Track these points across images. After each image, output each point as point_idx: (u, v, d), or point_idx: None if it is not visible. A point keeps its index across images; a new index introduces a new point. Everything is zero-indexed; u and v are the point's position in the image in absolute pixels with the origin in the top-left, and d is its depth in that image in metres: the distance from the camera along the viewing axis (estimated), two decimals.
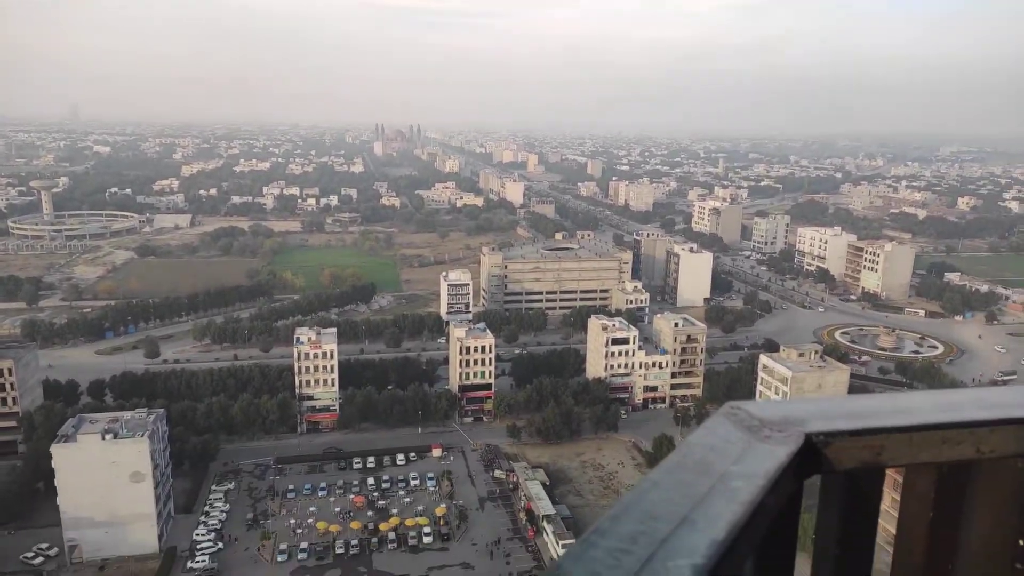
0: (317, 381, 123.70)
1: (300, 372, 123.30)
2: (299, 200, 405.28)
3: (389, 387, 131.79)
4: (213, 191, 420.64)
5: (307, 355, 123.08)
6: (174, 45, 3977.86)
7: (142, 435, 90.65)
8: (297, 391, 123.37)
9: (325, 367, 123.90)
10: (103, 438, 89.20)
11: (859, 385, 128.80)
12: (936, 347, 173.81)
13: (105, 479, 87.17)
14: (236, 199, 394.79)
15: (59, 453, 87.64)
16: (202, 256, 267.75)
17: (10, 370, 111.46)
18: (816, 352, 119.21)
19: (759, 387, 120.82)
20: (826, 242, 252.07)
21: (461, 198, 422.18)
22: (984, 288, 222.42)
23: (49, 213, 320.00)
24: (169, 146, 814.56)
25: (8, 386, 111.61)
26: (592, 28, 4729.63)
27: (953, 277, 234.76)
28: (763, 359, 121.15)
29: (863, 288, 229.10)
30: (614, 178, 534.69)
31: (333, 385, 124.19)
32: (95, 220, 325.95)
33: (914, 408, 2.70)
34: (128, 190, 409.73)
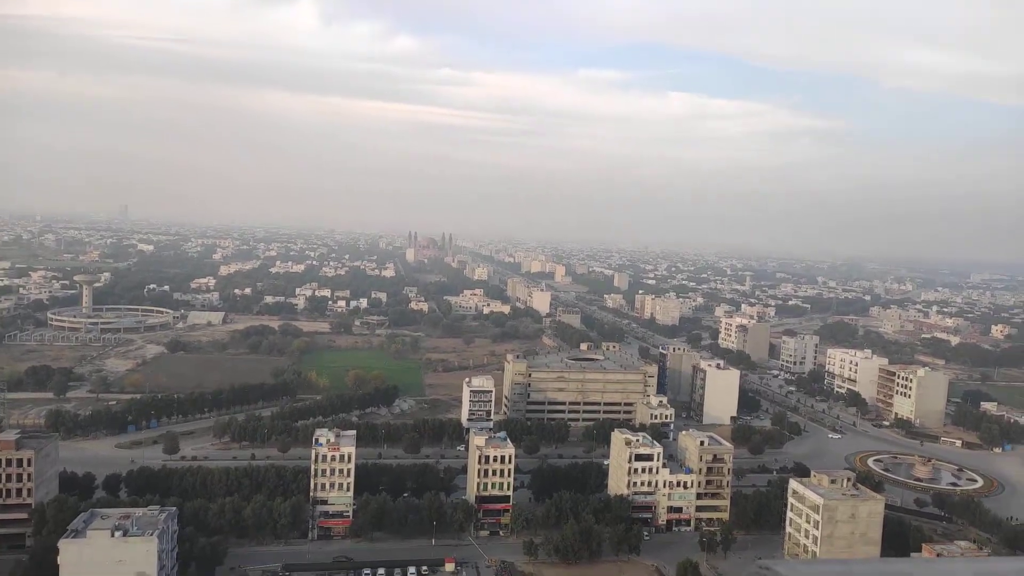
0: (333, 485, 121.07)
1: (316, 475, 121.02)
2: (330, 302, 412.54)
3: (405, 494, 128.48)
4: (248, 290, 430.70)
5: (324, 457, 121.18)
6: (221, 153, 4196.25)
7: (152, 534, 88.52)
8: (312, 494, 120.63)
9: (342, 471, 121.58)
10: (112, 535, 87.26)
11: (895, 517, 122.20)
12: (975, 480, 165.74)
13: None
14: (269, 299, 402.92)
15: (67, 548, 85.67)
16: (231, 353, 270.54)
17: (29, 461, 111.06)
18: (848, 480, 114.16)
19: (789, 514, 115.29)
20: (857, 364, 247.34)
21: (488, 305, 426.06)
22: (1023, 420, 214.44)
23: (88, 306, 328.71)
24: (210, 247, 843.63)
25: (25, 477, 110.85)
26: (625, 147, 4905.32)
27: (990, 407, 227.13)
28: (793, 484, 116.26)
29: (896, 414, 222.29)
30: (640, 291, 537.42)
31: (348, 490, 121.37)
32: (131, 315, 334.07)
33: None
34: (166, 287, 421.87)
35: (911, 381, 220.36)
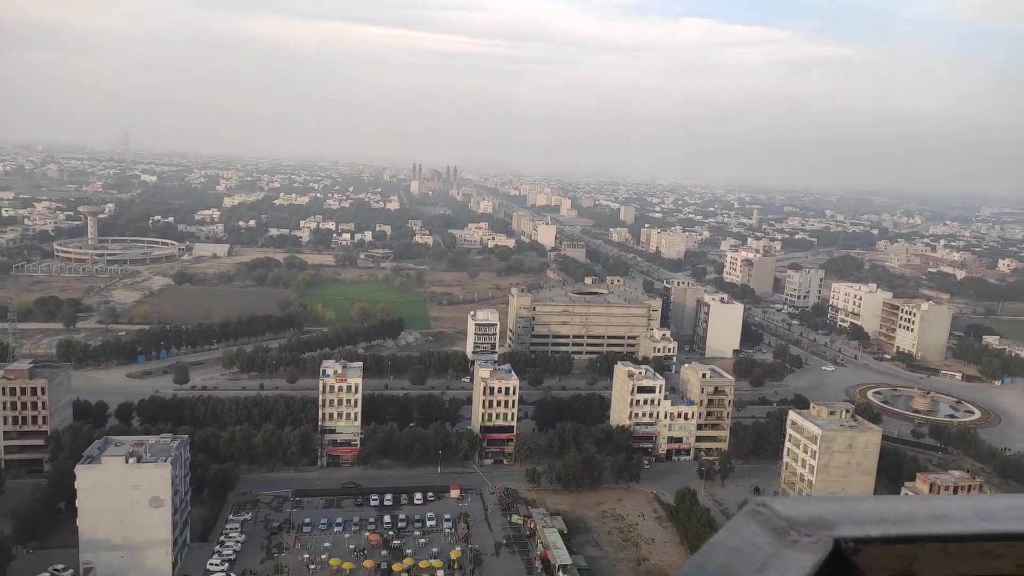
0: (340, 415, 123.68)
1: (324, 405, 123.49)
2: (334, 235, 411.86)
3: (411, 424, 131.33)
4: (252, 223, 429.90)
5: (332, 388, 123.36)
6: (222, 82, 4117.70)
7: (165, 460, 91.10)
8: (320, 424, 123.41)
9: (349, 401, 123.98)
10: (126, 461, 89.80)
11: (891, 448, 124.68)
12: (973, 412, 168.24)
13: (125, 503, 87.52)
14: (274, 231, 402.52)
15: (83, 474, 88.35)
16: (237, 285, 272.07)
17: (43, 389, 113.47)
18: (847, 411, 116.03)
19: (787, 444, 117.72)
20: (861, 299, 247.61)
21: (493, 239, 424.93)
22: None
23: (93, 238, 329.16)
24: (213, 178, 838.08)
25: (40, 405, 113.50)
26: (637, 77, 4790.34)
27: (992, 340, 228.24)
28: (792, 415, 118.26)
29: (897, 348, 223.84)
30: (646, 225, 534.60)
31: (356, 419, 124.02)
32: (137, 246, 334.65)
33: (951, 515, 2.52)
34: (171, 218, 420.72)
35: (914, 315, 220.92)
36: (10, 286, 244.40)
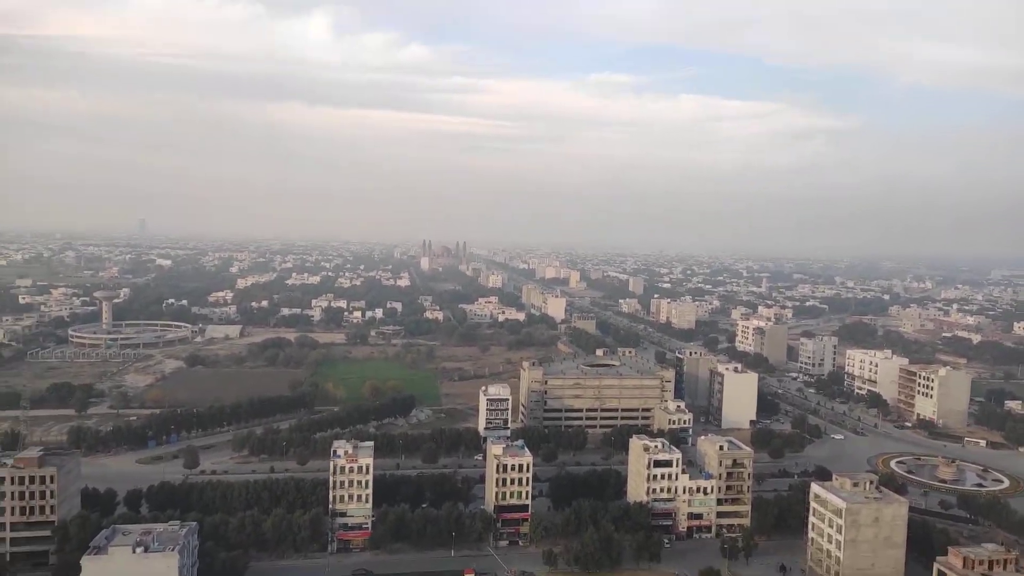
0: (351, 496, 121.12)
1: (335, 487, 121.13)
2: (346, 313, 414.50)
3: (424, 505, 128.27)
4: (265, 303, 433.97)
5: (343, 469, 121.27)
6: (237, 166, 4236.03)
7: (173, 549, 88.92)
8: (330, 507, 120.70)
9: (360, 482, 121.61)
10: (134, 551, 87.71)
11: (919, 520, 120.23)
12: (1001, 481, 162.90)
13: None
14: (286, 311, 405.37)
15: (89, 565, 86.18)
16: (248, 366, 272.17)
17: (52, 478, 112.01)
18: (871, 482, 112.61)
19: (811, 518, 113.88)
20: (877, 365, 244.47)
21: (503, 312, 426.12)
22: None
23: (108, 323, 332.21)
24: (227, 260, 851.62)
25: (48, 494, 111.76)
26: (638, 151, 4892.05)
27: (1014, 405, 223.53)
28: (815, 488, 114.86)
29: (918, 415, 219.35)
30: (656, 295, 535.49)
31: (367, 501, 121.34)
32: (150, 330, 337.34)
33: None
34: (184, 301, 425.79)
35: (932, 381, 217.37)
36: (24, 373, 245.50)
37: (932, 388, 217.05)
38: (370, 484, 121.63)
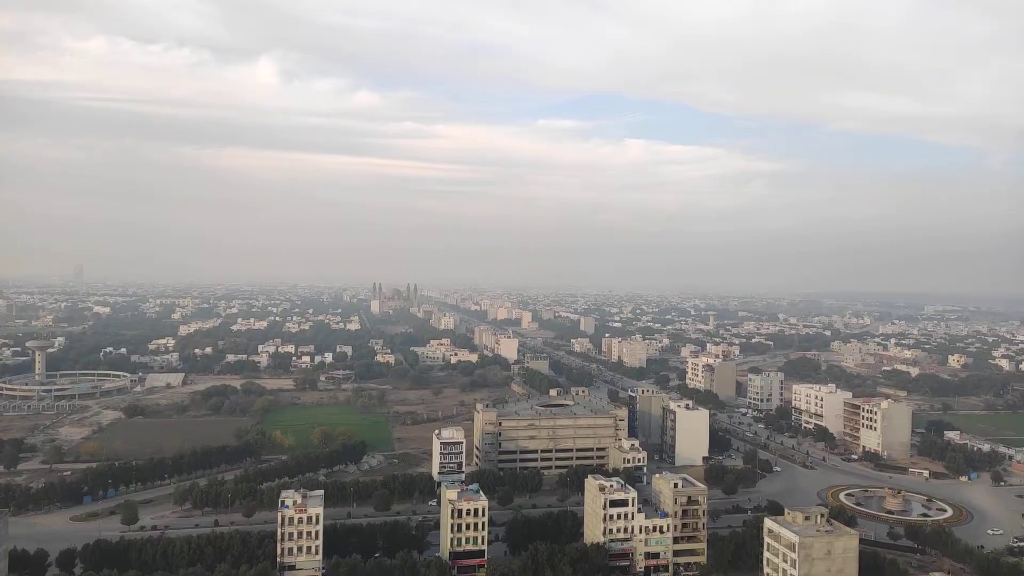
0: (300, 548, 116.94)
1: (283, 539, 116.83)
2: (294, 358, 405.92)
3: (376, 555, 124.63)
4: (209, 350, 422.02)
5: (291, 520, 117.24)
6: (180, 211, 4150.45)
7: None
8: (279, 560, 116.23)
9: (310, 533, 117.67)
10: None
11: (870, 551, 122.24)
12: (945, 510, 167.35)
13: None
14: (231, 357, 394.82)
15: None
16: (192, 415, 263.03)
17: None
18: (822, 515, 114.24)
19: (766, 553, 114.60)
20: (822, 399, 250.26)
21: (456, 354, 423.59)
22: (986, 447, 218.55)
23: (41, 373, 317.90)
24: (169, 306, 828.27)
25: None
26: (587, 194, 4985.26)
27: (953, 436, 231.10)
28: (768, 523, 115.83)
29: (863, 447, 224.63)
30: (607, 335, 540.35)
31: (317, 553, 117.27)
32: (87, 379, 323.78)
33: None
34: (123, 349, 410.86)
35: (876, 413, 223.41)
36: None
37: (876, 420, 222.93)
38: (320, 535, 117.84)
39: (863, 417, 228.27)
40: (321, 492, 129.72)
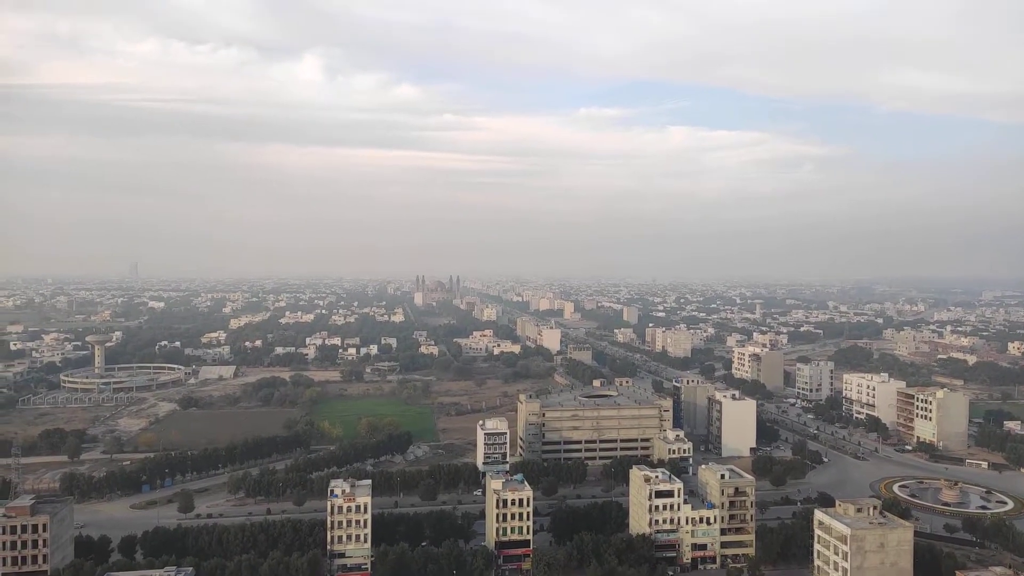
0: (349, 537, 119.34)
1: (332, 527, 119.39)
2: (340, 350, 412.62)
3: (423, 543, 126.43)
4: (258, 343, 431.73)
5: (340, 509, 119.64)
6: (227, 206, 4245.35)
7: None
8: (328, 547, 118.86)
9: (358, 522, 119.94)
10: None
11: (925, 544, 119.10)
12: (1005, 502, 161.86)
13: None
14: (280, 350, 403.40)
15: None
16: (243, 407, 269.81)
17: (44, 526, 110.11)
18: (875, 508, 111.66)
19: (816, 546, 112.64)
20: (874, 389, 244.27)
21: (498, 346, 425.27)
22: None
23: (100, 367, 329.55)
24: (220, 301, 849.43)
25: (40, 543, 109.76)
26: (628, 183, 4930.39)
27: (1013, 426, 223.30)
28: (818, 515, 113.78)
29: (918, 438, 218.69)
30: (650, 324, 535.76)
31: (366, 541, 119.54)
32: (143, 373, 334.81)
33: None
34: (177, 343, 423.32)
35: (931, 403, 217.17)
36: (15, 420, 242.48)
37: (931, 411, 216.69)
38: (368, 523, 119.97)
39: (917, 407, 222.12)
40: (369, 482, 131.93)
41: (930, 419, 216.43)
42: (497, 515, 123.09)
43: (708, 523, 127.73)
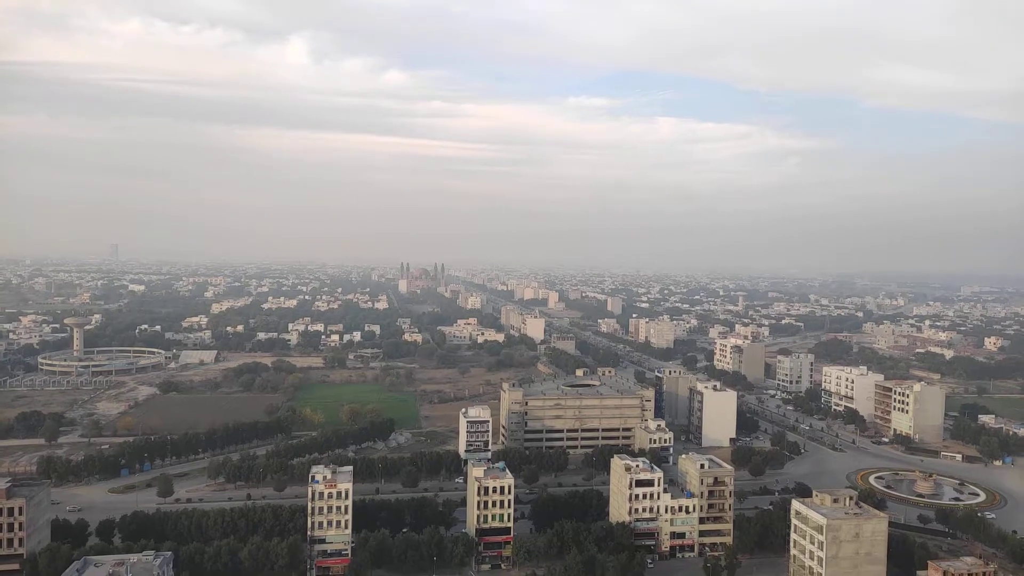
0: (330, 523, 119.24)
1: (313, 513, 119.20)
2: (323, 336, 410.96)
3: (404, 530, 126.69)
4: (240, 328, 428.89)
5: (321, 495, 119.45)
6: (210, 190, 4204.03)
7: None
8: (309, 533, 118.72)
9: (339, 508, 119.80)
10: None
11: (899, 535, 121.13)
12: (977, 494, 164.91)
13: None
14: (262, 335, 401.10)
15: None
16: (224, 392, 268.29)
17: (20, 509, 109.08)
18: (851, 498, 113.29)
19: (793, 535, 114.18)
20: (853, 382, 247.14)
21: (482, 334, 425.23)
22: (1022, 431, 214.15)
23: (79, 350, 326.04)
24: (202, 284, 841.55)
25: (16, 526, 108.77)
26: (616, 173, 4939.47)
27: (988, 419, 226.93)
28: (795, 505, 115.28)
29: (894, 430, 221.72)
30: (634, 315, 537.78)
31: (346, 527, 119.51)
32: (123, 356, 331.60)
33: None
34: (158, 327, 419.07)
35: (908, 396, 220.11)
36: None
37: (908, 403, 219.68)
38: (349, 509, 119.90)
39: (895, 400, 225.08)
40: (350, 468, 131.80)
41: (907, 412, 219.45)
42: (478, 502, 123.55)
43: (687, 512, 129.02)
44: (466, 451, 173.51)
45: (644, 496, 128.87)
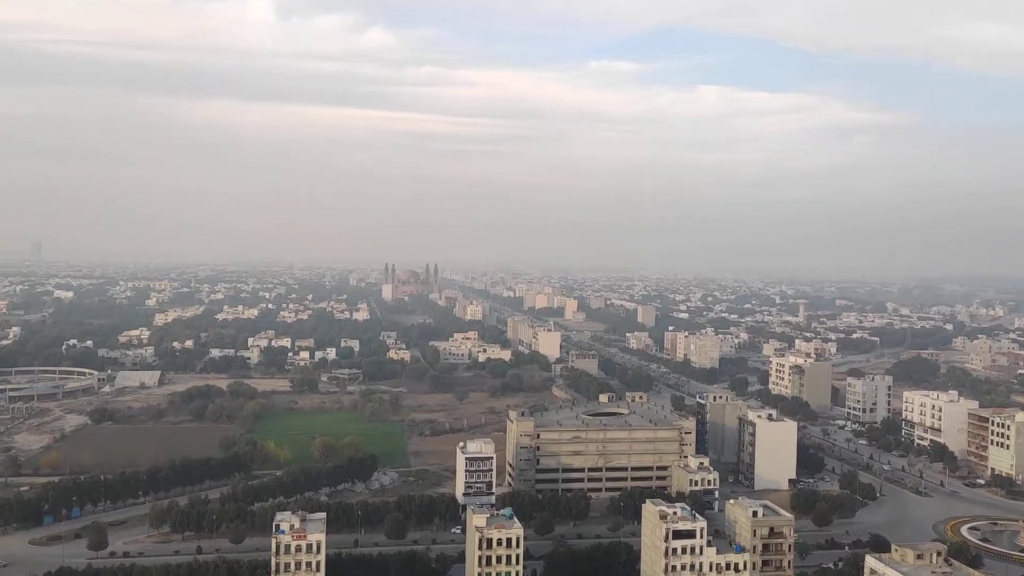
0: None
1: (277, 570, 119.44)
2: (290, 353, 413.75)
3: None
4: (189, 343, 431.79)
5: (287, 548, 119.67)
6: (155, 175, 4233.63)
7: None
8: None
9: (309, 563, 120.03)
10: None
11: None
12: None
13: None
14: (216, 352, 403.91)
15: None
16: (170, 421, 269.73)
17: None
18: (939, 553, 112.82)
19: None
20: (941, 410, 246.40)
21: (484, 351, 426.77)
22: None
23: None
24: (143, 291, 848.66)
25: None
26: (642, 154, 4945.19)
27: None
28: (870, 562, 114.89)
29: (992, 469, 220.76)
30: (670, 328, 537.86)
31: None
32: (47, 378, 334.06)
33: None
34: (89, 342, 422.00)
35: (1009, 428, 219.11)
36: None
37: (1009, 437, 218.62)
38: (322, 565, 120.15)
39: (993, 432, 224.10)
40: (323, 515, 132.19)
41: (1008, 447, 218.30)
42: (480, 558, 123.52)
43: (736, 570, 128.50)
44: (465, 495, 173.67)
45: (683, 551, 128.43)
